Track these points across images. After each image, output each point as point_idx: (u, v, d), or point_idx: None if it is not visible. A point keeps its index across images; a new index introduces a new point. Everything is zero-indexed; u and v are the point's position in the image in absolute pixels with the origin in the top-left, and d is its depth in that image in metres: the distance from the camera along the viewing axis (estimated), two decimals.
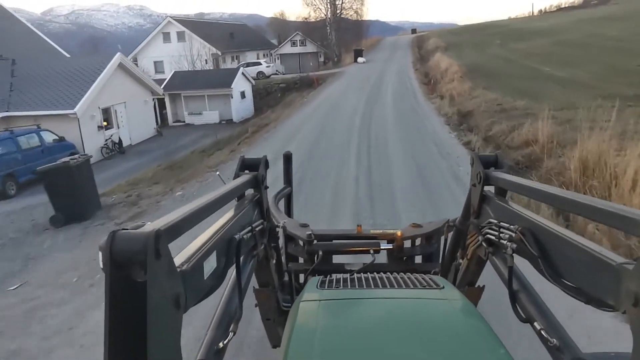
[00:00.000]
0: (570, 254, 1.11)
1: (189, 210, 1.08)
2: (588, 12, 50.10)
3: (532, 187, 1.43)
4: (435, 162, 9.36)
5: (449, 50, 35.00)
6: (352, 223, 5.44)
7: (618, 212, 0.97)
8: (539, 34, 36.38)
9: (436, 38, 44.56)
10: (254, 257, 1.72)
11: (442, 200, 6.96)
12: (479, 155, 1.74)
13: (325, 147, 11.72)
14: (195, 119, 26.79)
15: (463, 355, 1.13)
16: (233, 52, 42.57)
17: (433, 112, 15.67)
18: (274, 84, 32.27)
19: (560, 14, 60.61)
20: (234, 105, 26.76)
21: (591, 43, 26.91)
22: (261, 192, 1.88)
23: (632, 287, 0.84)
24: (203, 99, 26.88)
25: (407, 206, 6.89)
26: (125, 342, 0.78)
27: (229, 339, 1.30)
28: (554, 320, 1.32)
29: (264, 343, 2.68)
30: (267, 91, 30.70)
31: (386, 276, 1.61)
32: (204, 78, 27.53)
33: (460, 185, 7.31)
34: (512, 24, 50.83)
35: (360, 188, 8.03)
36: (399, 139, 11.95)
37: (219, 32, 43.65)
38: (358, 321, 1.32)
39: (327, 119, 16.33)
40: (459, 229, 2.10)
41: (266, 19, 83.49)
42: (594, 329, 3.28)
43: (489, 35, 42.65)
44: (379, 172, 8.96)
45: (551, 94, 14.37)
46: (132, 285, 0.79)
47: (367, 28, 61.53)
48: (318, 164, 10.06)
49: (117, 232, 0.79)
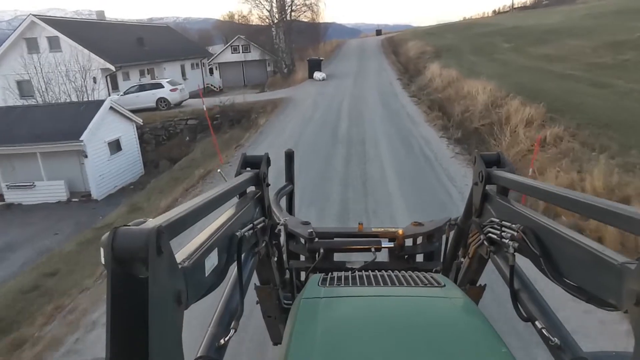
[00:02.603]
0: (572, 253, 1.10)
1: (191, 207, 1.07)
2: (587, 6, 41.37)
3: (535, 186, 1.42)
4: None
5: (444, 57, 24.57)
6: None
7: (620, 211, 0.96)
8: (558, 33, 26.50)
9: (416, 40, 34.17)
10: (255, 254, 1.71)
11: None
12: (481, 154, 1.73)
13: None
14: (23, 195, 14.74)
15: (464, 353, 1.12)
16: (141, 64, 30.34)
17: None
18: (180, 120, 20.36)
19: (531, 11, 52.36)
20: (92, 168, 14.95)
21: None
22: (263, 189, 1.88)
23: (634, 286, 0.83)
24: (36, 160, 14.84)
25: None
26: (127, 338, 0.78)
27: (230, 336, 1.30)
28: (555, 319, 1.33)
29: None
30: (168, 132, 19.14)
31: (387, 274, 1.62)
32: (37, 121, 15.19)
33: None
34: (500, 22, 41.22)
35: None
36: None
37: (120, 37, 31.28)
38: (359, 319, 1.31)
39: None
40: (461, 228, 2.09)
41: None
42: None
43: (481, 36, 32.63)
44: None
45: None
46: (134, 281, 0.79)
47: (324, 31, 50.81)
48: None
49: (119, 228, 0.79)
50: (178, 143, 18.30)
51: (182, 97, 23.76)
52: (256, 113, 18.16)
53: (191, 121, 20.17)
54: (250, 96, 22.23)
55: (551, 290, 1.39)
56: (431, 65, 21.65)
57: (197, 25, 64.90)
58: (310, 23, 43.39)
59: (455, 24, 52.25)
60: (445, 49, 28.02)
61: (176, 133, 19.55)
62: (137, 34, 33.12)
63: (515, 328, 3.46)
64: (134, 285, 0.78)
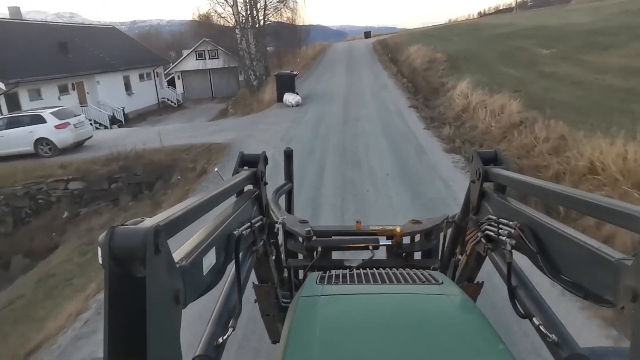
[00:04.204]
0: (569, 250, 1.10)
1: (188, 206, 1.07)
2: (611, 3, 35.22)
3: (532, 183, 1.41)
4: None
5: (465, 69, 17.71)
6: None
7: (619, 208, 0.95)
8: (611, 35, 19.95)
9: (418, 44, 27.16)
10: (253, 253, 1.71)
11: None
12: (478, 151, 1.72)
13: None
14: None
15: (462, 350, 1.12)
16: (61, 78, 22.84)
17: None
18: (57, 181, 11.50)
19: (533, 12, 47.21)
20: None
21: None
22: (260, 188, 1.87)
23: (631, 282, 0.82)
24: None
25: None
26: (125, 337, 0.77)
27: (229, 335, 1.29)
28: (552, 316, 1.33)
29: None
30: (36, 203, 11.15)
31: (385, 272, 1.62)
32: None
33: None
34: (514, 22, 34.63)
35: None
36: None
37: (35, 42, 23.75)
38: (357, 316, 1.31)
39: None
40: (458, 225, 2.08)
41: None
42: None
43: (500, 38, 25.97)
44: None
45: None
46: (132, 280, 0.78)
47: (306, 34, 43.78)
48: None
49: (116, 227, 0.79)
50: (49, 223, 10.85)
51: (78, 136, 14.33)
52: (181, 172, 10.94)
53: (74, 184, 11.49)
54: (183, 135, 13.90)
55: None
56: (457, 83, 14.67)
57: (178, 28, 58.05)
58: (289, 25, 36.36)
59: (458, 25, 45.84)
60: (460, 56, 21.07)
61: (50, 204, 11.34)
62: (59, 38, 25.54)
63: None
64: (131, 285, 0.77)
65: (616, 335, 3.66)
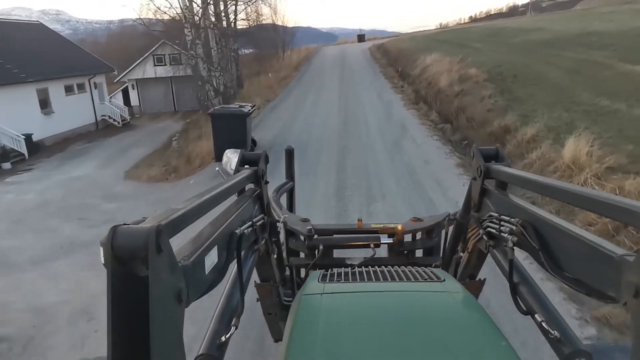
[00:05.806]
0: (571, 247, 1.10)
1: (190, 205, 1.07)
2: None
3: (533, 179, 1.41)
4: None
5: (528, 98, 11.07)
6: None
7: (619, 204, 0.95)
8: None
9: (436, 54, 20.43)
10: (255, 252, 1.71)
11: None
12: (480, 148, 1.71)
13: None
14: None
15: (465, 347, 1.12)
16: None
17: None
18: None
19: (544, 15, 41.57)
20: None
21: None
22: (261, 187, 1.87)
23: (633, 278, 0.82)
24: None
25: None
26: (128, 337, 0.77)
27: (231, 333, 1.30)
28: (554, 312, 1.33)
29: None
30: None
31: (387, 269, 1.61)
32: None
33: None
34: (545, 27, 28.10)
35: None
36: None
37: None
38: (359, 314, 1.31)
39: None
40: (460, 223, 2.09)
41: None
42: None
43: (543, 47, 19.47)
44: None
45: None
46: (134, 280, 0.78)
47: (291, 35, 36.87)
48: None
49: (118, 227, 0.78)
50: None
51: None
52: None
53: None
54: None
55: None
56: (536, 131, 8.02)
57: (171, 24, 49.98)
58: (269, 25, 29.42)
59: (468, 28, 39.22)
60: (506, 73, 14.61)
61: None
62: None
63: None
64: (134, 284, 0.77)
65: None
